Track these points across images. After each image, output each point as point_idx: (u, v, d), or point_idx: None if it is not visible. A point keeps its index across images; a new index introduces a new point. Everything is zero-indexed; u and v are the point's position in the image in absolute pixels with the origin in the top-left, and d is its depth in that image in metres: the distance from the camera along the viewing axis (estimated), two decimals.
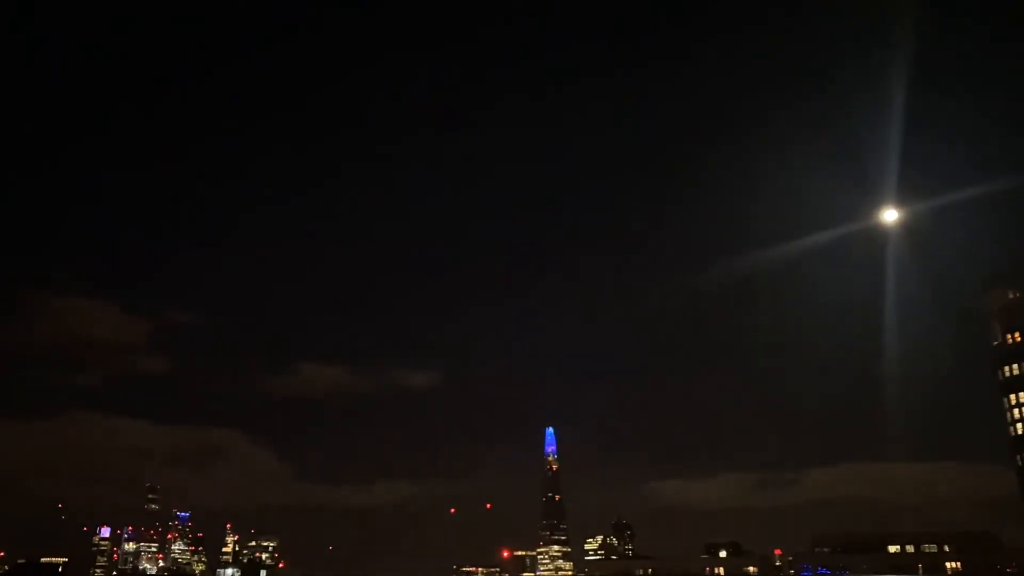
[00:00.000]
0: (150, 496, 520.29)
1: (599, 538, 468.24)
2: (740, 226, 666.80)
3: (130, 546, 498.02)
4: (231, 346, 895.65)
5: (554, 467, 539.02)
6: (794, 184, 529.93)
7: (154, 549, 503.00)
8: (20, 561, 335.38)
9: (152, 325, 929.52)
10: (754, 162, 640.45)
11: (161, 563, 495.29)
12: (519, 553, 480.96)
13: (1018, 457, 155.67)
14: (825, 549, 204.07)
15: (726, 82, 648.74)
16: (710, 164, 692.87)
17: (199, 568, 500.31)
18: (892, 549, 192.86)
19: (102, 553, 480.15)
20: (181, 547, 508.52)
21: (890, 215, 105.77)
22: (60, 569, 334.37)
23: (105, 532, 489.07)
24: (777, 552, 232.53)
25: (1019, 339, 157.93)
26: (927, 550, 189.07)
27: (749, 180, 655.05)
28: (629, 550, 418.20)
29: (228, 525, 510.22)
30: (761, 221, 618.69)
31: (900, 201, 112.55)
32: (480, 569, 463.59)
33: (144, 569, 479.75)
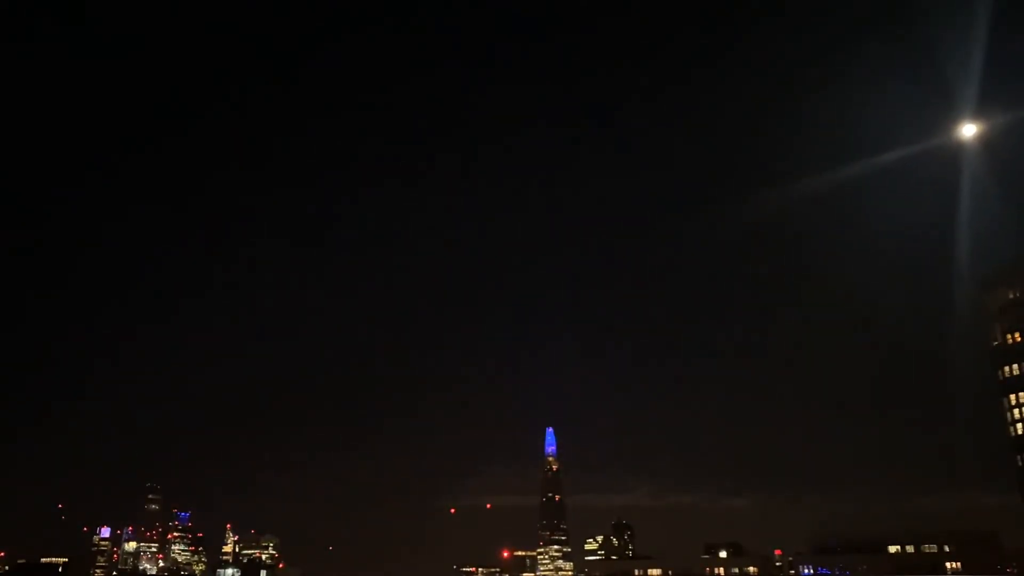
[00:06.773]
0: (150, 496, 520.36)
1: (599, 538, 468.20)
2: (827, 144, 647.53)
3: (130, 546, 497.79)
4: None
5: (554, 467, 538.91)
6: (867, 98, 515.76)
7: (154, 549, 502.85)
8: (20, 561, 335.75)
9: None
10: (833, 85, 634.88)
11: (161, 563, 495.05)
12: (519, 553, 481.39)
13: (1018, 457, 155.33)
14: (825, 549, 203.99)
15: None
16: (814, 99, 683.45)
17: (199, 568, 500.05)
18: (892, 549, 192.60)
19: (102, 553, 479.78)
20: (181, 547, 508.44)
21: (968, 130, 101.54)
22: (60, 569, 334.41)
23: (105, 532, 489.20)
24: (777, 552, 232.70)
25: (1019, 339, 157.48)
26: (927, 550, 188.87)
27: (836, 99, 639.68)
28: (629, 550, 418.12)
29: (228, 525, 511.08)
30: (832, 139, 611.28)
31: (979, 115, 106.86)
32: (480, 569, 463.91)
33: (144, 569, 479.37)
